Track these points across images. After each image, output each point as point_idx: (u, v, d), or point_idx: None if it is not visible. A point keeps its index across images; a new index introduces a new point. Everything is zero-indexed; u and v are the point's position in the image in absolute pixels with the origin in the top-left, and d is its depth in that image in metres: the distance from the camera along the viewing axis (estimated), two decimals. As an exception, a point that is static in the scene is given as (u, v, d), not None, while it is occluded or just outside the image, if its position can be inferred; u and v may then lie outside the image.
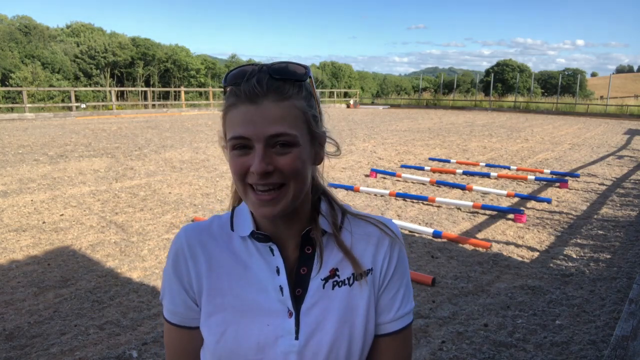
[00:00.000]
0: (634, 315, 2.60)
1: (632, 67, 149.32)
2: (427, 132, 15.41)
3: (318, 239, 0.74)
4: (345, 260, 0.74)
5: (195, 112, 23.71)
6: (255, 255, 0.74)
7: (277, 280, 0.72)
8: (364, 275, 0.74)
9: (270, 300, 0.71)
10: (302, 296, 0.72)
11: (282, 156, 0.66)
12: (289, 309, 0.71)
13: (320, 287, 0.73)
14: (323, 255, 0.74)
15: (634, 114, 24.35)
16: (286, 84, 0.66)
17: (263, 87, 0.65)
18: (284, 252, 0.74)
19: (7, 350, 2.60)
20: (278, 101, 0.65)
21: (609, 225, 5.17)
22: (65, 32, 38.92)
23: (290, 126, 0.65)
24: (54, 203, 5.67)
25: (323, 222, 0.76)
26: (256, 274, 0.73)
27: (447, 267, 3.86)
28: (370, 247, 0.76)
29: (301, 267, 0.74)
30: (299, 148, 0.67)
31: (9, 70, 30.40)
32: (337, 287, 0.73)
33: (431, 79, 58.02)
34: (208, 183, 6.91)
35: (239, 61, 48.34)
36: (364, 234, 0.77)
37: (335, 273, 0.74)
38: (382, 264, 0.76)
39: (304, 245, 0.74)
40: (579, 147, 11.99)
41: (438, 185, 6.99)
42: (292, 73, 0.67)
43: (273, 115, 0.64)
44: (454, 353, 2.64)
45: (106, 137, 12.40)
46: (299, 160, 0.67)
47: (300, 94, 0.67)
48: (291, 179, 0.67)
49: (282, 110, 0.65)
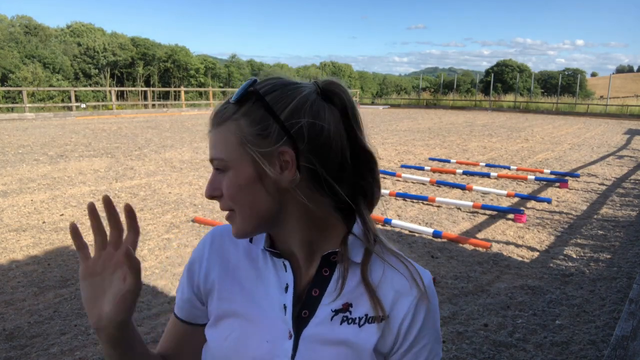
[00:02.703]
0: (634, 315, 2.60)
1: (632, 67, 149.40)
2: (427, 132, 15.41)
3: (345, 267, 0.69)
4: (364, 298, 0.68)
5: (195, 112, 23.71)
6: (270, 269, 0.72)
7: (283, 298, 0.70)
8: (377, 320, 0.68)
9: (274, 317, 0.69)
10: (308, 319, 0.69)
11: (223, 181, 0.65)
12: (290, 330, 0.68)
13: (329, 318, 0.68)
14: (344, 286, 0.68)
15: (634, 114, 24.35)
16: (228, 107, 0.65)
17: (212, 116, 0.67)
18: (298, 270, 0.71)
19: (7, 350, 2.60)
20: (216, 127, 0.66)
21: (609, 225, 5.17)
22: (65, 32, 38.90)
23: (219, 151, 0.65)
24: (54, 203, 5.67)
25: (354, 247, 0.70)
26: (267, 288, 0.71)
27: (447, 267, 3.86)
28: (391, 293, 0.69)
29: (314, 288, 0.70)
30: (230, 172, 0.64)
31: (9, 70, 30.41)
32: (346, 324, 0.68)
33: (431, 79, 58.04)
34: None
35: (239, 61, 48.36)
36: (390, 274, 0.70)
37: (348, 308, 0.69)
38: (403, 319, 0.68)
39: (322, 266, 0.70)
40: (579, 147, 11.99)
41: (438, 185, 6.99)
42: (235, 94, 0.65)
43: (211, 142, 0.66)
44: (454, 353, 2.64)
45: (106, 137, 12.40)
46: (232, 186, 0.64)
47: (238, 112, 0.64)
48: (232, 204, 0.66)
49: (217, 135, 0.65)
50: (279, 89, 0.65)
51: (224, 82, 41.20)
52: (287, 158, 0.63)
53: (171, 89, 31.66)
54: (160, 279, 3.57)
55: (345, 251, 0.69)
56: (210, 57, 45.74)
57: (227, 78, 42.19)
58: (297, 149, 0.63)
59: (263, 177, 0.64)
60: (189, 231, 4.68)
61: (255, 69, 46.96)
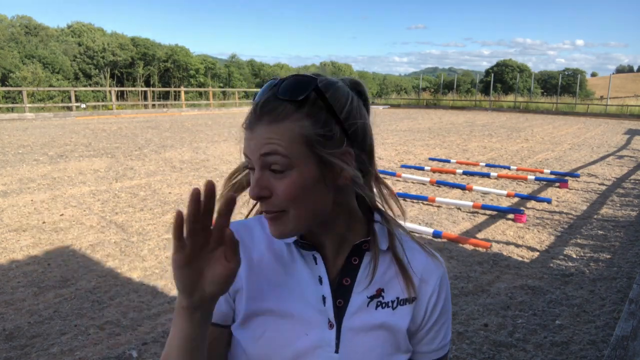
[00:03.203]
0: (634, 315, 2.60)
1: (632, 67, 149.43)
2: (427, 132, 15.41)
3: (375, 253, 0.71)
4: (394, 281, 0.73)
5: (195, 112, 23.70)
6: (298, 262, 0.72)
7: (320, 290, 0.70)
8: (408, 302, 0.73)
9: (311, 309, 0.70)
10: (344, 308, 0.70)
11: (278, 180, 0.62)
12: (330, 320, 0.69)
13: (365, 304, 0.71)
14: (376, 270, 0.71)
15: (634, 114, 24.35)
16: (282, 105, 0.62)
17: (257, 112, 0.63)
18: (327, 261, 0.72)
19: (7, 350, 2.60)
20: (270, 124, 0.62)
21: (609, 225, 5.17)
22: (65, 32, 38.91)
23: (279, 148, 0.61)
24: (54, 203, 5.67)
25: (381, 236, 0.73)
26: (298, 281, 0.71)
27: (447, 267, 3.84)
28: (418, 274, 0.74)
29: (344, 277, 0.71)
30: (295, 172, 0.62)
31: (9, 70, 30.41)
32: (381, 308, 0.72)
33: (431, 79, 58.03)
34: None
35: (238, 61, 48.35)
36: (414, 257, 0.75)
37: (381, 293, 0.72)
38: (429, 297, 0.74)
39: (351, 256, 0.72)
40: (579, 147, 11.99)
41: (438, 185, 6.99)
42: (291, 92, 0.62)
43: (263, 138, 0.62)
44: (454, 353, 2.64)
45: (106, 137, 12.40)
46: (296, 186, 0.62)
47: (299, 112, 0.62)
48: (290, 205, 0.63)
49: (274, 132, 0.62)
50: (330, 88, 0.65)
51: (224, 82, 41.18)
52: (349, 158, 0.65)
53: (171, 89, 31.65)
54: (160, 279, 3.57)
55: (375, 239, 0.72)
56: (210, 57, 45.72)
57: (227, 78, 42.18)
58: (354, 149, 0.66)
59: (325, 177, 0.65)
60: (189, 231, 4.67)
61: (255, 69, 46.91)
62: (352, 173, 0.65)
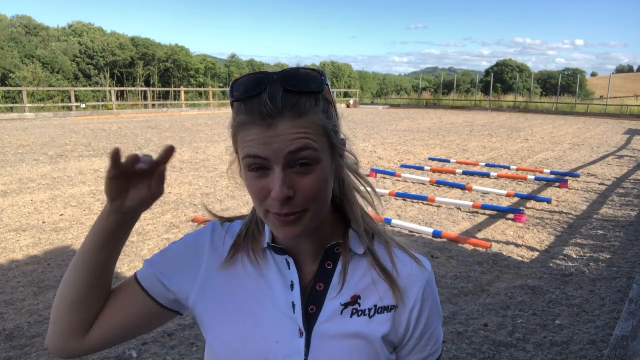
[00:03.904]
0: (634, 315, 2.60)
1: (632, 67, 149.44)
2: (427, 132, 15.41)
3: (346, 257, 0.69)
4: (372, 288, 0.69)
5: (195, 112, 23.70)
6: (272, 268, 0.70)
7: (290, 296, 0.68)
8: (387, 310, 0.69)
9: (281, 316, 0.68)
10: (316, 315, 0.68)
11: (303, 177, 0.60)
12: (300, 328, 0.67)
13: (338, 312, 0.68)
14: (347, 276, 0.68)
15: (634, 114, 24.35)
16: (302, 98, 0.60)
17: (277, 105, 0.58)
18: (301, 266, 0.70)
19: (7, 350, 2.60)
20: (295, 119, 0.59)
21: (609, 225, 5.17)
22: (66, 32, 38.92)
23: (311, 142, 0.60)
24: (54, 203, 5.67)
25: (354, 239, 0.71)
26: (271, 287, 0.69)
27: (447, 267, 3.86)
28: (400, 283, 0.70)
29: (318, 283, 0.69)
30: (321, 165, 0.61)
31: (9, 70, 30.42)
32: (356, 317, 0.68)
33: (431, 79, 58.05)
34: (208, 183, 6.91)
35: (238, 61, 48.35)
36: (397, 264, 0.70)
37: (357, 300, 0.68)
38: (412, 307, 0.70)
39: (325, 260, 0.70)
40: (579, 147, 11.99)
41: (438, 185, 6.99)
42: (308, 84, 0.60)
43: (291, 135, 0.58)
44: (454, 353, 2.64)
45: (106, 137, 12.40)
46: (321, 180, 0.61)
47: (318, 106, 0.61)
48: (313, 201, 0.62)
49: (301, 128, 0.59)
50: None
51: (224, 82, 41.20)
52: (342, 151, 0.68)
53: (171, 89, 31.64)
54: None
55: (347, 242, 0.70)
56: (210, 57, 45.77)
57: (227, 78, 42.19)
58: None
59: (336, 166, 0.67)
60: (189, 231, 4.67)
61: (255, 69, 46.92)
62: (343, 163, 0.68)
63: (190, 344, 2.67)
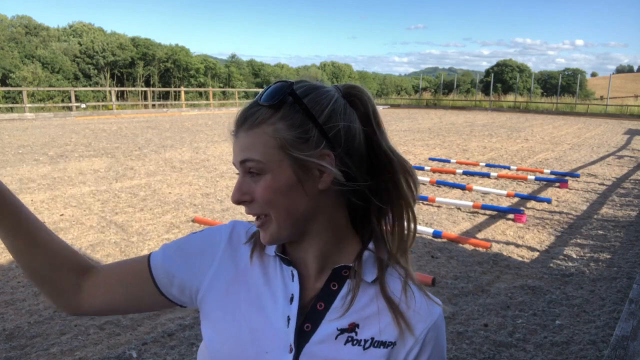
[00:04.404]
0: (634, 315, 2.60)
1: (632, 67, 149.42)
2: (427, 132, 15.41)
3: (356, 284, 0.67)
4: (373, 319, 0.67)
5: (195, 112, 23.70)
6: (278, 276, 0.70)
7: (288, 309, 0.67)
8: (384, 346, 0.66)
9: (276, 328, 0.67)
10: (310, 334, 0.66)
11: (255, 184, 0.64)
12: (291, 344, 0.66)
13: (333, 336, 0.66)
14: (353, 303, 0.66)
15: (634, 114, 24.36)
16: (260, 110, 0.64)
17: (241, 117, 0.66)
18: (305, 280, 0.69)
19: (7, 350, 2.60)
20: (248, 130, 0.64)
21: (609, 225, 5.17)
22: (66, 32, 38.91)
23: (255, 153, 0.63)
24: (54, 203, 5.67)
25: (367, 264, 0.69)
26: (273, 295, 0.69)
27: (447, 267, 3.86)
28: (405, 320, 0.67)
29: (319, 302, 0.68)
30: (270, 176, 0.63)
31: (9, 70, 30.41)
32: (350, 345, 0.66)
33: (431, 79, 58.04)
34: (208, 183, 6.91)
35: (238, 61, 48.34)
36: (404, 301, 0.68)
37: (354, 329, 0.66)
38: (411, 348, 0.66)
39: (331, 280, 0.68)
40: (579, 147, 12.00)
41: (438, 185, 6.99)
42: (271, 96, 0.64)
43: (242, 144, 0.64)
44: (454, 353, 2.64)
45: (106, 137, 12.40)
46: (270, 189, 0.63)
47: (275, 116, 0.63)
48: (268, 208, 0.64)
49: (250, 138, 0.64)
50: (312, 92, 0.65)
51: (224, 82, 41.19)
52: (327, 161, 0.64)
53: (171, 89, 31.64)
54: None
55: (359, 267, 0.68)
56: (210, 57, 45.71)
57: (227, 78, 42.17)
58: (334, 152, 0.64)
59: (303, 180, 0.64)
60: (189, 231, 4.67)
61: (255, 69, 46.91)
62: (333, 174, 0.64)
63: (190, 344, 2.67)
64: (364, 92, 0.68)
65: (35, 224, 0.72)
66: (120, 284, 0.74)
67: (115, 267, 0.77)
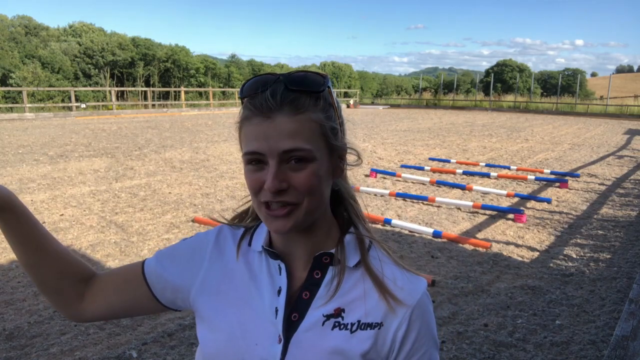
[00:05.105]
0: (634, 315, 2.60)
1: (632, 67, 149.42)
2: (427, 132, 15.41)
3: (340, 269, 0.68)
4: (359, 302, 0.67)
5: (195, 112, 23.70)
6: (264, 271, 0.72)
7: (275, 302, 0.69)
8: (371, 327, 0.67)
9: (264, 320, 0.69)
10: (297, 323, 0.68)
11: (296, 172, 0.63)
12: (279, 334, 0.67)
13: (320, 323, 0.67)
14: (339, 288, 0.68)
15: (634, 114, 24.35)
16: (302, 96, 0.64)
17: (277, 100, 0.63)
18: (293, 272, 0.71)
19: (7, 350, 2.60)
20: (292, 114, 0.62)
21: (609, 225, 5.17)
22: (67, 32, 38.90)
23: (305, 140, 0.63)
24: (54, 203, 5.66)
25: (349, 248, 0.70)
26: (260, 290, 0.71)
27: (447, 267, 3.85)
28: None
29: (304, 291, 0.69)
30: (315, 163, 0.64)
31: (9, 70, 30.40)
32: (337, 330, 0.67)
33: (431, 79, 58.02)
34: (208, 183, 6.91)
35: (238, 61, 48.34)
36: (389, 278, 0.68)
37: (340, 313, 0.67)
38: (398, 325, 0.67)
39: (313, 269, 0.70)
40: (579, 147, 12.00)
41: (438, 185, 6.99)
42: (309, 84, 0.64)
43: (287, 130, 0.62)
44: (454, 353, 2.64)
45: (106, 137, 12.40)
46: (315, 177, 0.64)
47: (317, 105, 0.65)
48: (306, 196, 0.64)
49: (297, 124, 0.62)
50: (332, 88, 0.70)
51: (224, 82, 41.18)
52: (343, 154, 0.70)
53: (171, 89, 31.63)
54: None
55: (342, 253, 0.69)
56: (210, 57, 45.69)
57: (227, 78, 42.16)
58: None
59: (334, 168, 0.69)
60: (189, 231, 4.67)
61: (255, 69, 46.90)
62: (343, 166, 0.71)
63: (190, 344, 2.67)
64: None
65: (45, 234, 0.75)
66: (117, 292, 0.77)
67: (112, 274, 0.80)
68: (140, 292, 0.76)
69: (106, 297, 0.77)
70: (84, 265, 0.79)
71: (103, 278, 0.79)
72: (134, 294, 0.77)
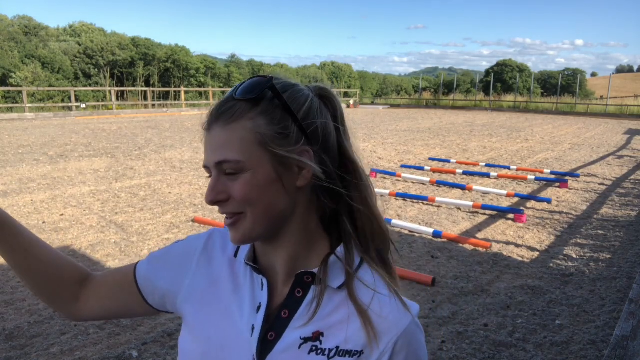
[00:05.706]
0: (634, 315, 2.60)
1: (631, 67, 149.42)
2: (427, 132, 15.41)
3: (321, 290, 0.64)
4: (340, 327, 0.63)
5: (195, 112, 23.70)
6: (247, 286, 0.69)
7: (253, 319, 0.66)
8: (350, 355, 0.62)
9: (242, 338, 0.66)
10: (274, 343, 0.64)
11: (232, 182, 0.62)
12: (253, 354, 0.64)
13: (296, 345, 0.63)
14: (318, 311, 0.63)
15: (633, 114, 24.35)
16: (237, 104, 0.62)
17: (215, 112, 0.64)
18: (274, 287, 0.68)
19: (7, 350, 2.60)
20: (225, 125, 0.62)
21: (609, 225, 5.17)
22: (67, 32, 38.90)
23: (235, 151, 0.61)
24: (54, 203, 5.67)
25: (333, 269, 0.65)
26: (240, 305, 0.68)
27: (447, 267, 3.86)
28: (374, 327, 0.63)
29: (284, 309, 0.65)
30: (248, 173, 0.61)
31: (9, 70, 30.40)
32: (314, 354, 0.63)
33: (431, 79, 58.00)
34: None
35: (238, 61, 48.35)
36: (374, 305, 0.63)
37: (319, 337, 0.63)
38: (380, 355, 0.62)
39: (295, 286, 0.66)
40: (579, 147, 11.99)
41: (438, 185, 6.99)
42: (246, 90, 0.62)
43: (217, 142, 0.62)
44: (454, 353, 2.64)
45: (106, 137, 12.40)
46: (248, 186, 0.61)
47: (254, 111, 0.61)
48: (247, 206, 0.62)
49: (227, 134, 0.61)
50: (290, 88, 0.64)
51: (223, 82, 41.17)
52: (307, 157, 0.63)
53: (171, 89, 31.62)
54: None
55: (324, 273, 0.65)
56: (210, 57, 45.68)
57: (227, 78, 42.16)
58: (313, 149, 0.63)
59: (282, 176, 0.62)
60: (189, 231, 4.68)
61: (255, 69, 46.88)
62: (313, 170, 0.63)
63: (190, 344, 2.67)
64: (334, 95, 0.68)
65: (33, 240, 0.75)
66: (110, 295, 0.78)
67: (106, 277, 0.80)
68: (132, 295, 0.76)
69: (99, 300, 0.78)
70: (76, 267, 0.78)
71: (97, 280, 0.79)
72: (126, 297, 0.77)
